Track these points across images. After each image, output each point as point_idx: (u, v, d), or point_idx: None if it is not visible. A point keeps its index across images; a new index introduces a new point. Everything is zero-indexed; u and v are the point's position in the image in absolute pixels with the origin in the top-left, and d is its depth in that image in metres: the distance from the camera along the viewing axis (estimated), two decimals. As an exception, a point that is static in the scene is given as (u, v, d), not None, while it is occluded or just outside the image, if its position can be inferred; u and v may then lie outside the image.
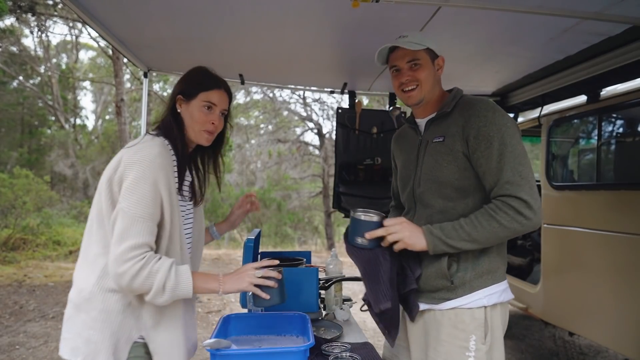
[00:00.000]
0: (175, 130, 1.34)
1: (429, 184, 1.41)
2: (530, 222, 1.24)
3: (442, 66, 1.46)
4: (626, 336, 2.47)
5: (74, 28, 13.73)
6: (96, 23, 2.05)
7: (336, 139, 3.22)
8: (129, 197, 1.20)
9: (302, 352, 1.21)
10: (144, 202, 1.20)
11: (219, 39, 2.28)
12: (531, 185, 1.26)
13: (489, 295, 1.34)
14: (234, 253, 10.42)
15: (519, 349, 3.93)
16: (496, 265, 1.37)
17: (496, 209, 1.26)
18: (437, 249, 1.31)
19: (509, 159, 1.26)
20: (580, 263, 2.85)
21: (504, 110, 1.35)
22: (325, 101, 13.09)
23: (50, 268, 7.69)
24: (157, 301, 1.21)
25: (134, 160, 1.23)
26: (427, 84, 1.41)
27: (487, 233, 1.26)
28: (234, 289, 1.30)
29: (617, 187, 2.62)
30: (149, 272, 1.19)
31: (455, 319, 1.35)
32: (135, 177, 1.20)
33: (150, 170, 1.22)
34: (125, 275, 1.17)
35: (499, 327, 1.36)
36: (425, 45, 1.39)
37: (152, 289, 1.19)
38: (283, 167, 15.67)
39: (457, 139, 1.35)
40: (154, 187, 1.22)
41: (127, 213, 1.19)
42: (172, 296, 1.22)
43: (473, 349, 1.31)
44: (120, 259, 1.17)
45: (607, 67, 2.26)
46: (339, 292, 2.08)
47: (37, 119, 16.13)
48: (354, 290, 6.26)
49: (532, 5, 1.70)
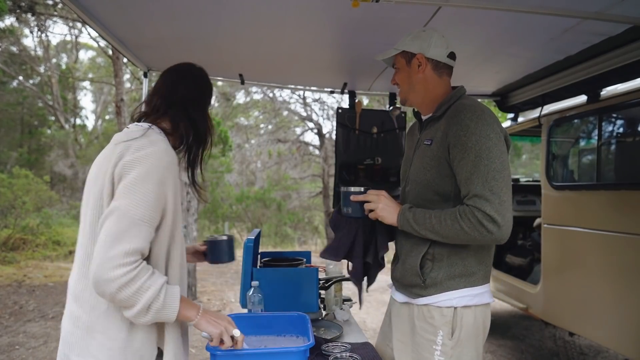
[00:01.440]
0: (205, 124, 1.34)
1: (414, 185, 1.47)
2: (492, 235, 1.26)
3: (422, 63, 1.46)
4: (626, 336, 2.47)
5: (74, 28, 13.72)
6: (96, 23, 2.05)
7: (336, 139, 3.22)
8: (129, 196, 1.08)
9: (302, 352, 1.21)
10: (145, 203, 1.09)
11: (219, 39, 2.28)
12: (501, 200, 1.25)
13: (459, 297, 1.38)
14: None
15: (519, 349, 3.93)
16: (472, 270, 1.40)
17: (463, 214, 1.29)
18: (404, 229, 1.43)
19: (482, 172, 1.27)
20: (580, 263, 2.85)
21: (495, 118, 1.34)
22: (325, 101, 13.08)
23: (50, 268, 7.69)
24: (136, 320, 1.10)
25: (138, 157, 1.12)
26: (404, 85, 1.52)
27: (449, 232, 1.32)
28: (206, 329, 1.19)
29: (617, 187, 2.63)
30: (140, 287, 1.06)
31: (427, 314, 1.42)
32: (139, 175, 1.10)
33: (157, 168, 1.12)
34: (114, 283, 1.04)
35: (469, 327, 1.39)
36: (398, 50, 1.49)
37: (136, 306, 1.07)
38: (283, 167, 15.67)
39: (440, 145, 1.38)
40: (159, 187, 1.12)
41: (125, 214, 1.07)
42: (154, 318, 1.11)
43: (440, 343, 1.38)
44: (112, 263, 1.04)
45: (607, 67, 2.26)
46: (339, 292, 2.08)
47: (37, 119, 16.12)
48: (354, 291, 6.26)
49: (532, 5, 1.70)
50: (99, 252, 1.06)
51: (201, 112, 1.34)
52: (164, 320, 1.14)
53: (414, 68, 1.47)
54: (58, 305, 5.34)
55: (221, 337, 1.18)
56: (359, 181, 3.15)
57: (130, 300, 1.06)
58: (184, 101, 1.31)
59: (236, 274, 7.63)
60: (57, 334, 4.28)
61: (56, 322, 4.71)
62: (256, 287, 1.64)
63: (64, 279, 6.87)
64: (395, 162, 3.18)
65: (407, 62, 1.48)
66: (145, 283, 1.07)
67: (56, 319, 4.79)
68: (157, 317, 1.11)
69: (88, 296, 1.16)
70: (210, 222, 15.23)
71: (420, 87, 1.48)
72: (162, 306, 1.10)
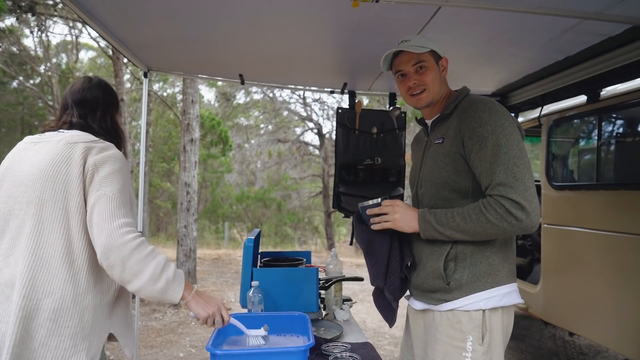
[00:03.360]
0: (121, 140, 1.46)
1: (429, 186, 1.43)
2: (521, 223, 1.22)
3: (446, 67, 1.47)
4: (626, 336, 2.47)
5: (74, 28, 13.72)
6: (96, 23, 2.05)
7: (336, 139, 3.22)
8: (110, 184, 1.21)
9: (302, 352, 1.21)
10: (124, 191, 1.23)
11: (219, 39, 2.28)
12: (526, 186, 1.23)
13: (486, 299, 1.32)
14: (234, 253, 10.42)
15: (519, 349, 3.93)
16: (496, 268, 1.34)
17: (487, 206, 1.25)
18: (427, 234, 1.35)
19: (503, 160, 1.25)
20: (580, 263, 2.85)
21: (506, 110, 1.34)
22: (325, 101, 13.11)
23: (50, 268, 7.67)
24: (146, 289, 1.16)
25: (106, 156, 1.26)
26: (435, 86, 1.43)
27: (475, 227, 1.27)
28: (195, 310, 1.26)
29: (617, 187, 2.63)
30: (151, 251, 1.17)
31: (453, 319, 1.35)
32: (113, 170, 1.24)
33: (124, 167, 1.28)
34: (127, 246, 1.13)
35: (498, 330, 1.34)
36: (428, 48, 1.41)
37: (147, 271, 1.15)
38: (283, 167, 15.69)
39: (454, 141, 1.35)
40: (127, 181, 1.27)
41: (113, 197, 1.19)
42: (163, 289, 1.17)
43: (470, 350, 1.31)
44: (119, 231, 1.15)
45: (607, 67, 2.26)
46: (339, 292, 2.08)
47: (37, 119, 16.12)
48: (354, 290, 6.27)
49: (532, 5, 1.71)
50: (102, 227, 1.15)
51: None
52: (169, 297, 1.19)
53: (440, 69, 1.46)
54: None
55: (206, 321, 1.26)
56: (358, 181, 3.15)
57: (142, 263, 1.14)
58: (111, 111, 1.47)
59: (236, 274, 7.63)
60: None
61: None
62: (256, 287, 1.65)
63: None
64: (395, 163, 3.18)
65: (436, 62, 1.45)
66: (154, 250, 1.18)
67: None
68: (166, 288, 1.17)
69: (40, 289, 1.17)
70: (210, 222, 15.24)
71: (444, 88, 1.48)
72: (173, 277, 1.18)
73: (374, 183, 3.14)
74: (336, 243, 13.66)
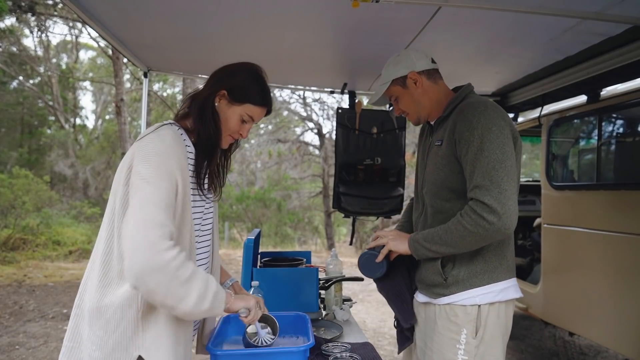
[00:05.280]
0: (211, 122, 1.21)
1: (430, 186, 1.48)
2: (493, 226, 1.24)
3: (417, 79, 1.50)
4: (626, 336, 2.47)
5: (74, 28, 13.73)
6: (96, 23, 2.05)
7: (336, 139, 3.22)
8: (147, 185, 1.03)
9: (302, 352, 1.21)
10: (163, 191, 1.04)
11: (219, 39, 2.27)
12: (501, 189, 1.24)
13: (482, 295, 1.38)
14: (234, 253, 10.43)
15: (519, 349, 3.93)
16: (493, 265, 1.40)
17: (463, 214, 1.30)
18: (418, 253, 1.44)
19: (483, 164, 1.28)
20: (580, 263, 2.85)
21: (500, 112, 1.35)
22: (325, 101, 13.11)
23: (50, 268, 7.69)
24: (193, 312, 0.99)
25: (144, 154, 1.08)
26: (412, 107, 1.54)
27: (456, 237, 1.32)
28: (241, 303, 1.18)
29: (617, 187, 2.63)
30: (195, 269, 0.99)
31: (450, 312, 1.41)
32: (150, 170, 1.06)
33: (164, 160, 1.08)
34: (173, 263, 0.94)
35: (494, 325, 1.38)
36: (389, 80, 1.51)
37: (194, 291, 0.97)
38: (283, 167, 15.69)
39: (449, 144, 1.40)
40: (170, 176, 1.06)
41: (146, 201, 1.00)
42: (211, 306, 1.02)
43: (463, 342, 1.37)
44: (159, 246, 0.94)
45: (607, 67, 2.26)
46: (339, 292, 2.08)
47: (37, 119, 16.13)
48: (354, 290, 6.27)
49: (532, 5, 1.70)
50: (138, 234, 0.94)
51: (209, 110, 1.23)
52: (216, 310, 1.05)
53: (412, 87, 1.50)
54: (58, 305, 5.34)
55: (253, 307, 1.21)
56: (358, 181, 3.14)
57: (186, 285, 0.96)
58: (214, 89, 1.25)
59: (236, 274, 7.61)
60: (57, 334, 4.29)
61: (56, 322, 4.71)
62: (256, 287, 1.64)
63: (64, 279, 6.88)
64: (395, 163, 3.18)
65: (403, 86, 1.51)
66: (195, 265, 1.01)
67: (56, 319, 4.80)
68: (214, 303, 1.03)
69: (91, 290, 1.09)
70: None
71: (425, 100, 1.52)
72: (217, 290, 1.04)
73: (374, 183, 3.14)
74: (336, 243, 13.66)
